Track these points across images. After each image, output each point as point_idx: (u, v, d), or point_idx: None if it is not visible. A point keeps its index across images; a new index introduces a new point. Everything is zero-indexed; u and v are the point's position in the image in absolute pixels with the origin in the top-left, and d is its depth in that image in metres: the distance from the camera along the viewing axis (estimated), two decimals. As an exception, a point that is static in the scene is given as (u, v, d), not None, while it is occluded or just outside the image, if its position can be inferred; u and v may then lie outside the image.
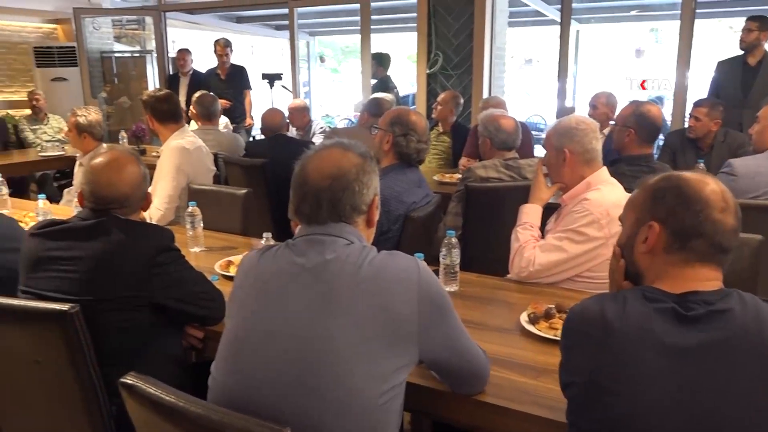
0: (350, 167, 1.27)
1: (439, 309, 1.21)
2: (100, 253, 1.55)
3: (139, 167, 1.72)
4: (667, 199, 1.12)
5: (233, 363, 1.18)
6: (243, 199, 2.87)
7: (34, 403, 1.59)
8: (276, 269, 1.21)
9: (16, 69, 7.15)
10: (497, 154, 3.03)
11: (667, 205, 1.12)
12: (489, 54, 5.30)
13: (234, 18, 10.90)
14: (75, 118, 3.43)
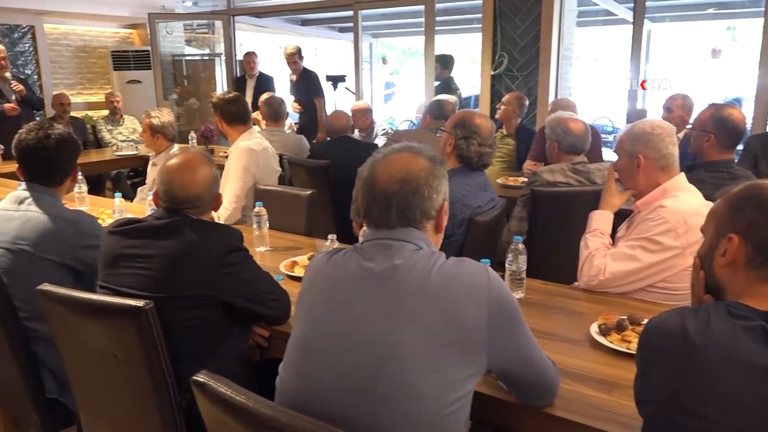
0: (420, 171, 1.26)
1: (509, 318, 1.18)
2: (173, 252, 1.60)
3: (211, 169, 1.76)
4: (748, 210, 1.06)
5: (301, 366, 1.19)
6: (308, 200, 2.91)
7: (110, 395, 1.65)
8: (343, 273, 1.21)
9: (95, 72, 7.52)
10: (565, 158, 2.95)
11: (748, 216, 1.05)
12: (556, 55, 5.18)
13: (299, 21, 11.10)
14: (149, 119, 3.57)
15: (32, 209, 1.96)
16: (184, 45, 8.37)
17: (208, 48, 9.32)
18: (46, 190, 2.04)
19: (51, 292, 1.58)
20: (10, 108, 5.15)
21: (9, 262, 1.91)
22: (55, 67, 7.03)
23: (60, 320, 1.62)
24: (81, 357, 1.65)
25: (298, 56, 6.19)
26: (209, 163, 1.78)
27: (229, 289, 1.64)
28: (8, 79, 5.30)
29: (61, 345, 1.68)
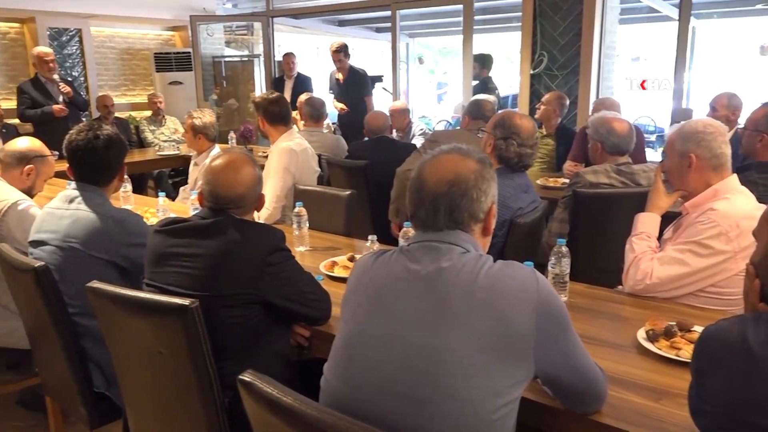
0: (469, 173, 1.24)
1: (557, 323, 1.15)
2: (217, 251, 1.61)
3: (254, 169, 1.78)
4: None
5: (345, 368, 1.18)
6: (347, 201, 2.91)
7: (155, 391, 1.68)
8: (390, 275, 1.21)
9: (138, 74, 7.69)
10: (608, 159, 2.88)
11: None
12: (598, 53, 5.08)
13: (336, 21, 11.16)
14: (191, 120, 3.63)
15: (82, 208, 2.01)
16: (224, 46, 8.50)
17: (246, 49, 9.44)
18: (95, 189, 2.09)
19: (100, 290, 1.61)
20: (58, 109, 5.31)
21: (60, 259, 1.97)
22: (100, 69, 7.23)
23: (108, 317, 1.66)
24: (128, 353, 1.69)
25: (344, 54, 6.07)
26: (252, 163, 1.79)
27: (271, 288, 1.65)
28: (56, 81, 5.46)
29: (109, 341, 1.72)
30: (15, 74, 6.51)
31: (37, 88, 5.43)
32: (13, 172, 2.44)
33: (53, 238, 1.99)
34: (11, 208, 2.30)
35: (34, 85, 5.44)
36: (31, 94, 5.38)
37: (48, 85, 5.45)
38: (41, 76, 5.45)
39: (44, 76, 5.44)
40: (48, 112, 5.30)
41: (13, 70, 6.53)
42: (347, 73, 6.10)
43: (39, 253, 2.02)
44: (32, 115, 5.35)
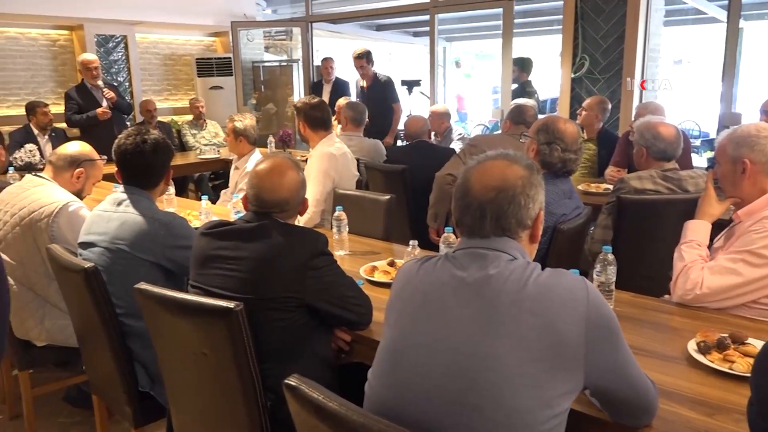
0: (516, 179, 1.22)
1: (608, 334, 1.13)
2: (261, 255, 1.63)
3: (298, 174, 1.79)
4: None
5: (391, 374, 1.18)
6: (386, 205, 2.91)
7: (199, 391, 1.71)
8: (436, 281, 1.19)
9: (180, 79, 7.86)
10: (654, 165, 2.81)
11: None
12: (642, 56, 4.97)
13: (374, 26, 11.21)
14: (232, 123, 3.69)
15: (129, 211, 2.06)
16: (263, 51, 8.62)
17: (285, 54, 9.56)
18: (142, 192, 2.13)
19: (147, 291, 1.64)
20: (101, 112, 5.50)
21: (108, 260, 2.02)
22: (144, 74, 7.41)
23: (155, 317, 1.69)
24: (173, 353, 1.71)
25: (367, 60, 5.91)
26: (297, 168, 1.81)
27: (313, 292, 1.66)
28: (100, 86, 5.64)
29: (155, 341, 1.75)
30: (64, 80, 6.73)
31: (82, 94, 5.61)
32: (65, 175, 2.51)
33: (102, 240, 2.04)
34: (62, 210, 2.36)
35: (80, 91, 5.63)
36: (77, 99, 5.57)
37: (93, 90, 5.64)
38: (87, 82, 5.64)
39: (89, 82, 5.63)
40: (92, 117, 5.48)
41: (62, 76, 6.75)
42: (371, 80, 5.98)
43: (88, 254, 2.07)
44: (78, 120, 5.54)
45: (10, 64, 6.36)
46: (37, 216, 2.34)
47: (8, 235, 2.37)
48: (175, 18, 7.13)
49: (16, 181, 3.17)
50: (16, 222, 2.36)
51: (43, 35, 6.59)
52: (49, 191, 2.42)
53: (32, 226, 2.34)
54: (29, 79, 6.51)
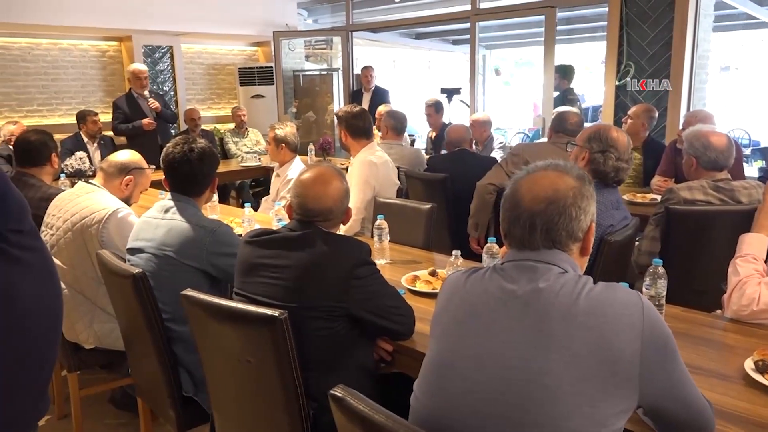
0: (567, 191, 1.20)
1: (664, 351, 1.09)
2: (305, 264, 1.64)
3: (342, 183, 1.80)
4: None
5: (437, 387, 1.16)
6: (427, 214, 2.89)
7: (242, 398, 1.72)
8: (484, 294, 1.17)
9: (223, 88, 8.02)
10: (705, 175, 2.72)
11: None
12: (689, 63, 4.84)
13: (413, 34, 11.23)
14: (274, 131, 3.74)
15: (176, 218, 2.10)
16: (304, 60, 8.73)
17: (325, 63, 9.66)
18: (189, 200, 2.17)
19: (193, 297, 1.67)
20: (146, 123, 5.67)
21: (155, 266, 2.06)
22: (189, 84, 7.58)
23: (200, 324, 1.71)
24: (218, 359, 1.73)
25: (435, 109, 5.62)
26: (341, 177, 1.81)
27: (356, 301, 1.65)
28: (147, 96, 5.81)
29: (200, 346, 1.77)
30: (112, 89, 6.94)
31: (129, 103, 5.79)
32: (114, 182, 2.58)
33: (149, 246, 2.09)
34: (112, 216, 2.43)
35: (128, 101, 5.81)
36: (124, 108, 5.75)
37: (140, 100, 5.82)
38: (134, 92, 5.83)
39: (136, 92, 5.82)
40: (138, 126, 5.65)
41: (111, 86, 6.96)
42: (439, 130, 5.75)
43: (136, 260, 2.12)
44: (124, 129, 5.73)
45: (62, 75, 6.60)
46: (88, 222, 2.41)
47: (60, 240, 2.44)
48: (218, 28, 7.29)
49: (67, 188, 3.28)
50: (68, 227, 2.43)
51: (93, 46, 6.82)
52: (99, 198, 2.49)
53: (83, 231, 2.41)
54: (80, 88, 6.74)
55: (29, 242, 1.14)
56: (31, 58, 6.37)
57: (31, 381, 1.17)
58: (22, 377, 1.15)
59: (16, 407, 1.13)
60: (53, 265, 1.24)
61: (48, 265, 1.21)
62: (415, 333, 1.82)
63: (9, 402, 1.12)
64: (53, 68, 6.53)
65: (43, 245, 1.20)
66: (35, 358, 1.17)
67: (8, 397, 1.12)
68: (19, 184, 2.93)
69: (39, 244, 1.18)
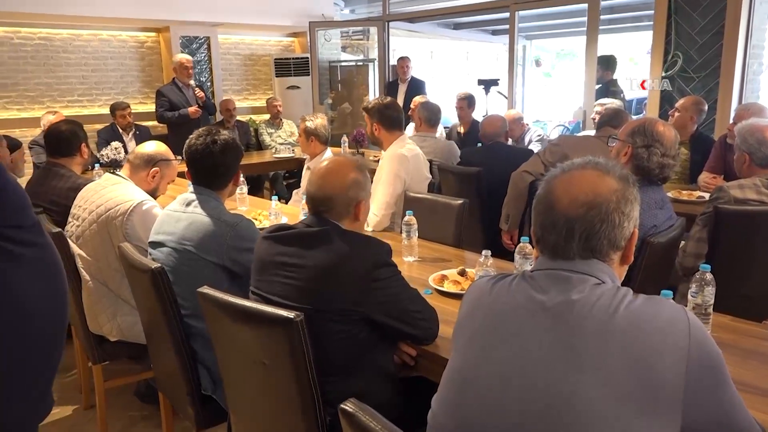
0: (610, 194, 1.07)
1: (713, 374, 0.97)
2: (322, 264, 1.55)
3: (353, 174, 1.68)
4: None
5: (457, 404, 1.06)
6: (458, 210, 2.78)
7: (258, 400, 1.66)
8: (510, 303, 1.07)
9: (259, 78, 8.01)
10: (758, 172, 2.54)
11: None
12: (742, 53, 4.58)
13: (451, 25, 11.05)
14: (304, 123, 3.68)
15: (197, 211, 2.04)
16: (340, 51, 8.66)
17: (362, 54, 9.57)
18: (211, 193, 2.12)
19: (209, 295, 1.61)
20: (193, 111, 5.77)
21: (175, 260, 2.02)
22: (225, 75, 7.60)
23: (216, 322, 1.66)
24: (233, 359, 1.68)
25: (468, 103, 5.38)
26: (353, 167, 1.70)
27: (375, 305, 1.57)
28: (192, 85, 5.89)
29: (216, 345, 1.72)
30: (150, 80, 7.01)
31: (174, 92, 5.89)
32: (140, 174, 2.55)
33: (170, 240, 2.04)
34: (136, 208, 2.40)
35: (172, 90, 5.90)
36: (169, 96, 5.84)
37: (184, 89, 5.92)
38: (178, 81, 5.91)
39: (181, 81, 5.91)
40: (184, 114, 5.74)
41: (149, 76, 7.02)
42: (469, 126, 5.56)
43: (156, 254, 2.08)
44: (170, 117, 5.80)
45: (102, 65, 6.69)
46: (113, 214, 2.39)
47: (86, 231, 2.43)
48: (255, 19, 7.28)
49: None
50: (93, 219, 2.41)
51: (132, 37, 6.88)
52: (125, 190, 2.47)
53: (108, 223, 2.39)
54: (119, 79, 6.82)
55: (30, 238, 1.09)
56: (72, 49, 6.46)
57: (30, 382, 1.13)
58: (23, 378, 1.11)
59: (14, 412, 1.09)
60: (58, 261, 1.18)
61: (52, 262, 1.16)
62: (439, 337, 1.72)
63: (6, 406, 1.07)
64: (93, 59, 6.62)
65: (46, 241, 1.15)
66: (36, 358, 1.12)
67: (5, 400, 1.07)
68: (50, 174, 2.94)
69: (42, 239, 1.13)
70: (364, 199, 1.71)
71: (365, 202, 1.72)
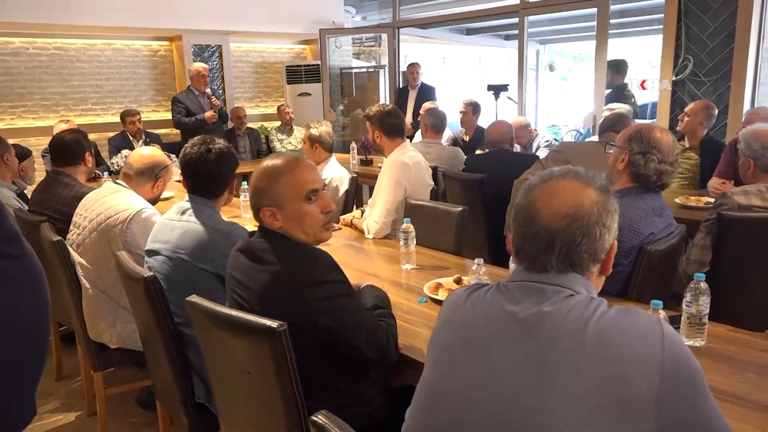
0: (591, 206, 1.06)
1: (688, 387, 0.94)
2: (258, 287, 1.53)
3: (253, 180, 1.65)
4: None
5: (427, 418, 1.05)
6: (458, 217, 2.77)
7: (245, 410, 1.66)
8: (483, 315, 1.05)
9: (271, 86, 8.07)
10: (763, 178, 2.49)
11: None
12: (754, 56, 4.51)
13: (464, 30, 11.04)
14: (309, 130, 3.69)
15: (192, 220, 2.05)
16: (352, 58, 8.68)
17: (374, 60, 9.59)
18: (206, 201, 2.13)
19: (197, 304, 1.61)
20: (209, 116, 5.96)
21: (169, 269, 2.03)
22: (237, 82, 7.67)
23: (205, 330, 1.66)
24: (222, 368, 1.68)
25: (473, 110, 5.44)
26: (256, 173, 1.66)
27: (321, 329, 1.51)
28: (208, 93, 6.04)
29: (205, 353, 1.72)
30: (163, 88, 7.09)
31: (190, 99, 6.04)
32: (145, 186, 2.56)
33: (165, 248, 2.06)
34: (136, 216, 2.42)
35: (188, 97, 6.05)
36: (186, 103, 6.00)
37: (200, 97, 6.07)
38: (194, 89, 6.05)
39: (197, 89, 6.06)
40: (201, 120, 5.93)
41: (162, 84, 7.11)
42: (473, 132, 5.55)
43: (152, 262, 2.09)
44: (186, 122, 5.96)
45: (115, 74, 6.78)
46: (113, 222, 2.41)
47: (86, 240, 2.46)
48: (266, 27, 7.33)
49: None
50: (93, 227, 2.44)
51: (145, 46, 6.98)
52: (125, 198, 2.49)
53: (107, 231, 2.41)
54: (132, 87, 6.92)
55: (5, 249, 1.10)
56: (86, 59, 6.57)
57: (13, 391, 1.13)
58: (4, 387, 1.12)
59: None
60: (38, 273, 1.19)
61: (30, 273, 1.16)
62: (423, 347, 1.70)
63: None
64: (107, 68, 6.72)
65: (24, 252, 1.16)
66: (13, 372, 1.13)
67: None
68: (54, 182, 2.98)
69: (18, 251, 1.14)
70: (266, 206, 1.60)
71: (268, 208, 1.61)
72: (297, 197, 1.61)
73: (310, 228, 1.63)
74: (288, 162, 1.65)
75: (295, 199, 1.61)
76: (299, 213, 1.61)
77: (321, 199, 1.66)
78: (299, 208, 1.61)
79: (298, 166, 1.64)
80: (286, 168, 1.63)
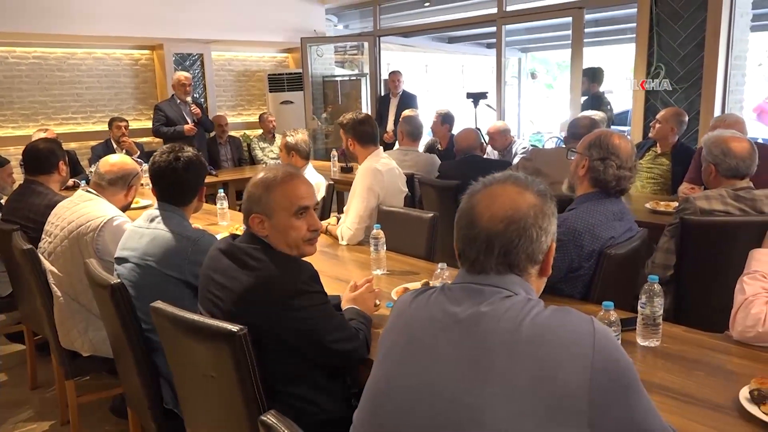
0: (528, 209, 1.10)
1: (619, 385, 0.97)
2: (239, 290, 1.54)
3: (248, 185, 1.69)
4: None
5: (374, 417, 1.08)
6: (429, 223, 2.81)
7: (209, 414, 1.68)
8: (426, 317, 1.09)
9: (253, 94, 8.10)
10: (724, 183, 2.56)
11: None
12: (724, 64, 4.61)
13: (446, 39, 11.13)
14: (285, 138, 3.72)
15: (160, 227, 2.08)
16: (335, 66, 8.73)
17: (357, 68, 9.65)
18: (175, 209, 2.15)
19: (160, 310, 1.63)
20: (188, 129, 5.87)
21: (137, 276, 2.05)
22: (219, 91, 7.69)
23: (168, 336, 1.68)
24: (186, 374, 1.70)
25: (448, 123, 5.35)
26: (252, 181, 1.70)
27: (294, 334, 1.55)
28: (189, 103, 5.97)
29: (170, 359, 1.74)
30: (144, 96, 7.09)
31: (172, 107, 5.99)
32: (118, 195, 2.59)
33: (133, 256, 2.07)
34: (107, 224, 2.43)
35: (170, 105, 6.00)
36: (167, 112, 5.95)
37: (182, 106, 6.02)
38: (177, 97, 6.01)
39: (179, 98, 6.02)
40: (179, 131, 5.83)
41: (143, 93, 7.11)
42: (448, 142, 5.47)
43: (121, 269, 2.11)
44: (165, 132, 5.90)
45: (96, 83, 6.78)
46: (84, 230, 2.42)
47: (57, 248, 2.47)
48: (248, 36, 7.36)
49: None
50: (64, 235, 2.45)
51: (126, 55, 6.98)
52: (96, 206, 2.50)
53: (79, 239, 2.42)
54: (113, 96, 6.91)
55: None
56: (66, 68, 6.56)
57: None
58: None
59: None
60: None
61: None
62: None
63: None
64: (87, 77, 6.71)
65: None
66: None
67: None
68: (27, 191, 2.99)
69: None
70: (256, 213, 1.63)
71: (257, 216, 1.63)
72: (287, 210, 1.64)
73: (294, 242, 1.66)
74: (286, 175, 1.68)
75: (284, 211, 1.63)
76: (285, 226, 1.63)
77: (310, 217, 1.69)
78: (287, 221, 1.64)
79: (294, 181, 1.68)
80: (282, 180, 1.66)
